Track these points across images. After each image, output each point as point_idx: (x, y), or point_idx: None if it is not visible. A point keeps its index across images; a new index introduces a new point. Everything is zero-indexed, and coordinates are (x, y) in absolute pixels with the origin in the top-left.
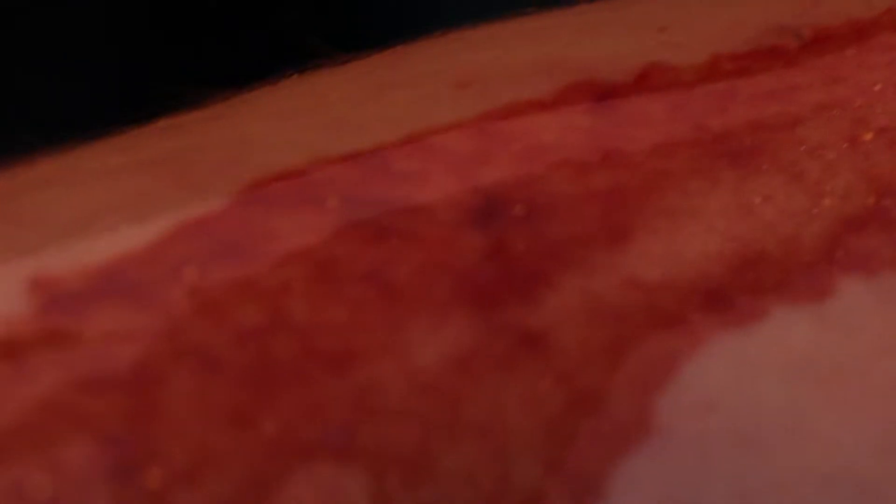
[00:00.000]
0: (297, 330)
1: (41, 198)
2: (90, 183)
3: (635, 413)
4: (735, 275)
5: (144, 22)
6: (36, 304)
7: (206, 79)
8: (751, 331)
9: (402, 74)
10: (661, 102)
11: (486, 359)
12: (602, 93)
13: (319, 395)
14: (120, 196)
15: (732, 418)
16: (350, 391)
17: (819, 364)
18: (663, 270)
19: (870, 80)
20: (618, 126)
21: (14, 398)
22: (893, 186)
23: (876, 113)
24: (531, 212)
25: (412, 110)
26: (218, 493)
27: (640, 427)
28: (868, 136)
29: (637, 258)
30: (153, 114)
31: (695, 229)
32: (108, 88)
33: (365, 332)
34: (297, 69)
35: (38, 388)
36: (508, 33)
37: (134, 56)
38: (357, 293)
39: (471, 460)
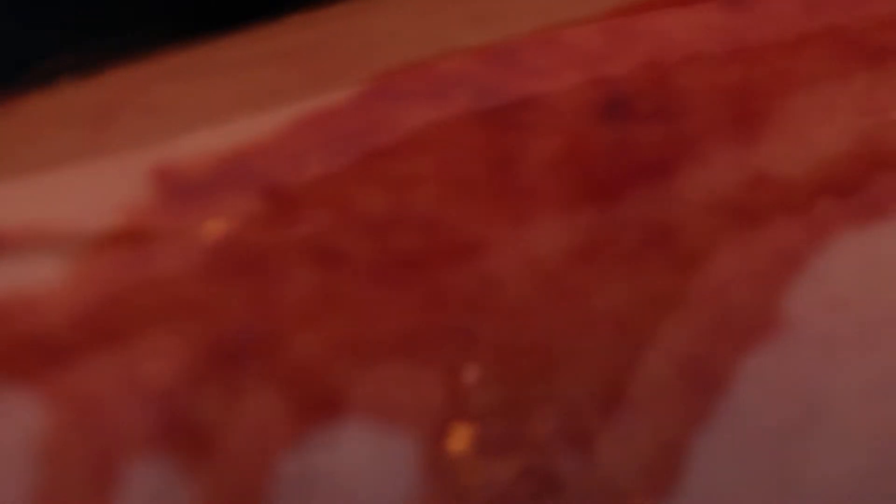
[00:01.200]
0: (422, 222)
1: (170, 89)
2: (219, 75)
3: (761, 308)
4: (865, 173)
5: None
6: (160, 193)
7: None
8: (879, 228)
9: None
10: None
11: (611, 252)
12: None
13: (443, 289)
14: (247, 88)
15: (859, 315)
16: (472, 284)
17: None
18: (792, 166)
19: None
20: (751, 23)
21: (135, 286)
22: None
23: None
24: (659, 106)
25: (544, 6)
26: (337, 383)
27: (765, 322)
28: None
29: (766, 154)
30: (286, 9)
31: (826, 127)
32: None
33: (489, 225)
34: None
35: (159, 277)
36: None
37: None
38: (483, 185)
39: (593, 355)
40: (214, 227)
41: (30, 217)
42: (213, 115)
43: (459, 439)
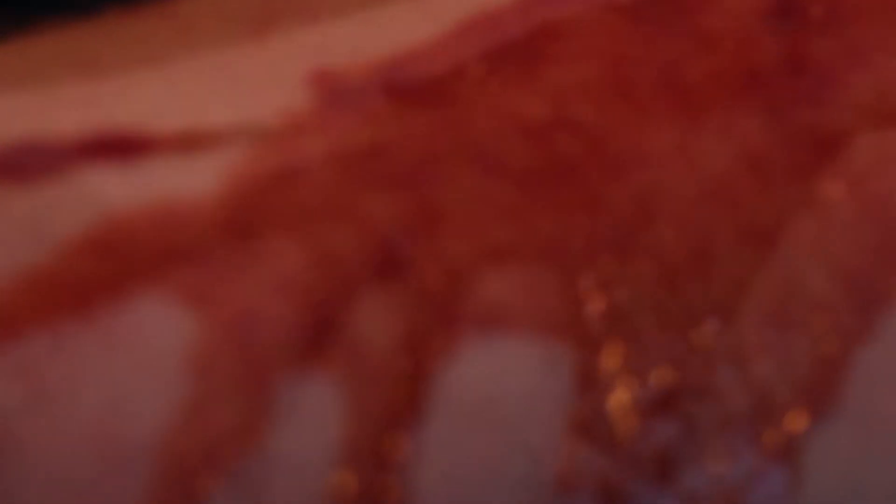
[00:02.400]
0: (584, 129)
1: None
2: None
3: None
4: None
5: None
6: (318, 98)
7: None
8: None
9: None
10: None
11: (778, 162)
12: None
13: (602, 196)
14: None
15: None
16: (634, 192)
17: None
18: None
19: None
20: None
21: (290, 192)
22: None
23: None
24: (829, 14)
25: None
26: (491, 292)
27: None
28: None
29: None
30: None
31: None
32: None
33: (654, 134)
34: None
35: (314, 181)
36: None
37: None
38: (648, 93)
39: (753, 266)
40: (371, 132)
41: (185, 122)
42: (372, 19)
43: (614, 350)
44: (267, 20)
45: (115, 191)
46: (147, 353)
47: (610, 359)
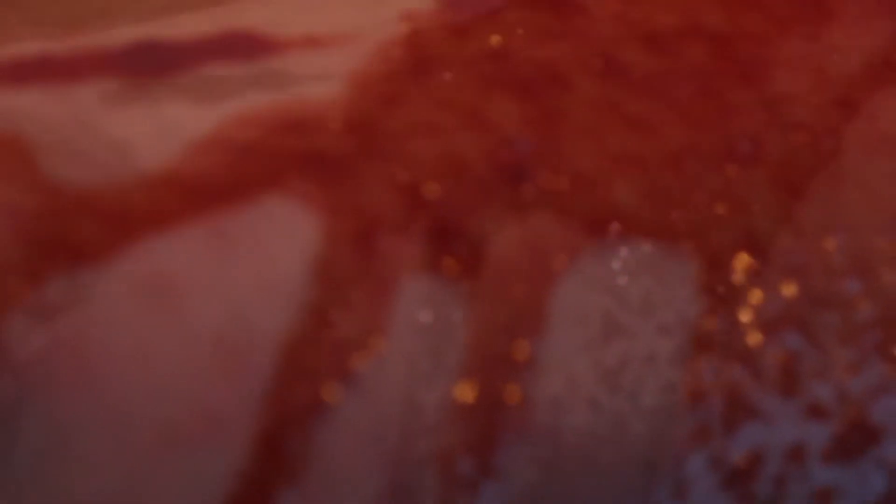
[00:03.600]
0: (711, 36)
1: None
2: None
3: None
4: None
5: None
6: (443, 4)
7: None
8: None
9: None
10: None
11: None
12: None
13: (728, 104)
14: None
15: None
16: (761, 101)
17: None
18: None
19: None
20: None
21: (414, 97)
22: None
23: None
24: None
25: None
26: (615, 199)
27: None
28: None
29: None
30: None
31: None
32: None
33: (782, 42)
34: None
35: (440, 84)
36: None
37: None
38: (777, 1)
39: (881, 180)
40: (498, 36)
41: (311, 25)
42: None
43: (740, 261)
44: None
45: (241, 91)
46: (270, 258)
47: (736, 269)
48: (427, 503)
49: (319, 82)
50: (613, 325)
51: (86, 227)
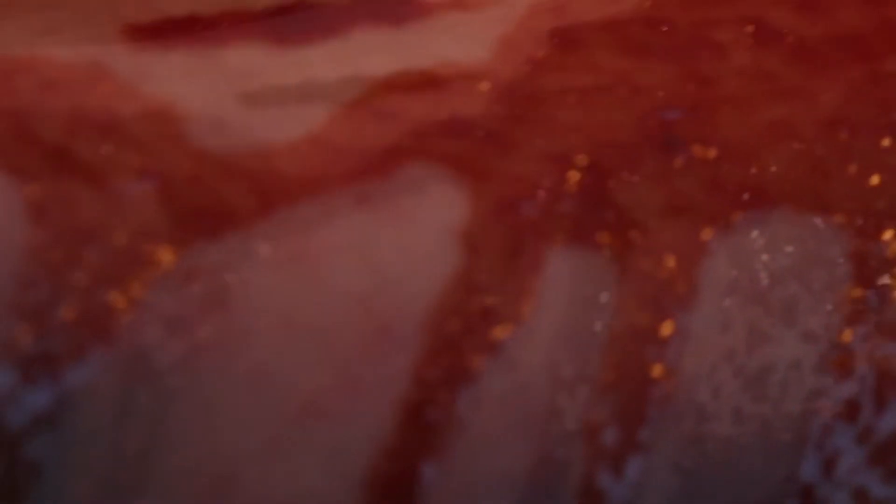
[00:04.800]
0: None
1: None
2: None
3: None
4: None
5: None
6: None
7: None
8: None
9: None
10: None
11: None
12: None
13: (883, 71)
14: None
15: None
16: None
17: None
18: None
19: None
20: None
21: (564, 60)
22: None
23: None
24: None
25: None
26: (767, 170)
27: None
28: None
29: None
30: None
31: None
32: None
33: None
34: None
35: (590, 49)
36: None
37: None
38: None
39: None
40: (647, 2)
41: None
42: None
43: (894, 234)
44: None
45: (389, 56)
46: (416, 226)
47: (889, 242)
48: (572, 477)
49: (468, 47)
50: (760, 295)
51: (232, 194)
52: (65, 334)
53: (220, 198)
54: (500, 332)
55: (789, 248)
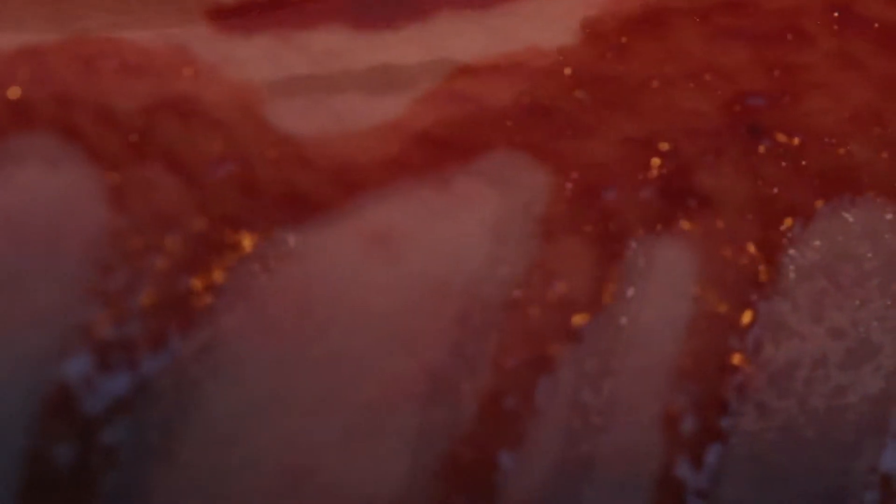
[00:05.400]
0: None
1: None
2: None
3: None
4: None
5: None
6: None
7: None
8: None
9: None
10: None
11: None
12: None
13: None
14: None
15: None
16: None
17: None
18: None
19: None
20: None
21: (647, 44)
22: None
23: None
24: None
25: None
26: (852, 158)
27: None
28: None
29: None
30: None
31: None
32: None
33: None
34: None
35: (674, 33)
36: None
37: None
38: None
39: None
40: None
41: None
42: None
43: None
44: None
45: (472, 40)
46: (496, 212)
47: None
48: (650, 466)
49: (552, 32)
50: (846, 287)
51: (313, 179)
52: (143, 321)
53: (301, 183)
54: (579, 320)
55: (874, 238)
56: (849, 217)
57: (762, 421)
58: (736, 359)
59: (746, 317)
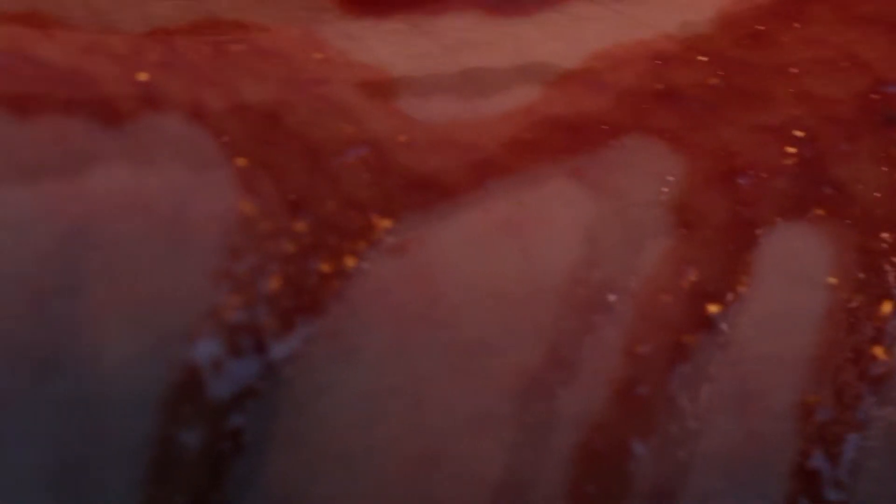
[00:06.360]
0: None
1: None
2: None
3: None
4: None
5: None
6: None
7: None
8: None
9: None
10: None
11: None
12: None
13: None
14: None
15: None
16: None
17: None
18: None
19: None
20: None
21: (782, 32)
22: None
23: None
24: None
25: None
26: None
27: None
28: None
29: None
30: None
31: None
32: None
33: None
34: None
35: (810, 21)
36: None
37: None
38: None
39: None
40: None
41: None
42: None
43: None
44: None
45: (607, 28)
46: (629, 198)
47: None
48: (784, 457)
49: (687, 19)
50: None
51: (444, 164)
52: (272, 305)
53: (431, 168)
54: (713, 309)
55: None
56: None
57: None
58: (874, 349)
59: (886, 307)
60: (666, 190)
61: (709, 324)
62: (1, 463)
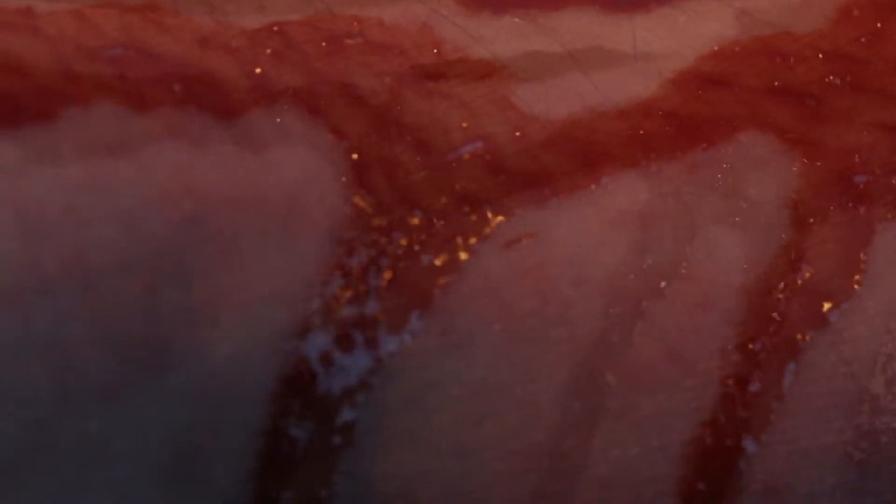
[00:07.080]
0: None
1: None
2: None
3: None
4: None
5: None
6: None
7: None
8: None
9: None
10: None
11: None
12: None
13: None
14: None
15: None
16: None
17: None
18: None
19: None
20: None
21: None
22: None
23: None
24: None
25: None
26: None
27: None
28: None
29: None
30: None
31: None
32: None
33: None
34: None
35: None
36: None
37: None
38: None
39: None
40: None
41: None
42: None
43: None
44: None
45: (724, 25)
46: (744, 194)
47: None
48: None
49: (804, 16)
50: None
51: (558, 159)
52: (384, 300)
53: (545, 164)
54: (828, 307)
55: None
56: None
57: None
58: None
59: None
60: (783, 187)
61: (822, 321)
62: (111, 456)
